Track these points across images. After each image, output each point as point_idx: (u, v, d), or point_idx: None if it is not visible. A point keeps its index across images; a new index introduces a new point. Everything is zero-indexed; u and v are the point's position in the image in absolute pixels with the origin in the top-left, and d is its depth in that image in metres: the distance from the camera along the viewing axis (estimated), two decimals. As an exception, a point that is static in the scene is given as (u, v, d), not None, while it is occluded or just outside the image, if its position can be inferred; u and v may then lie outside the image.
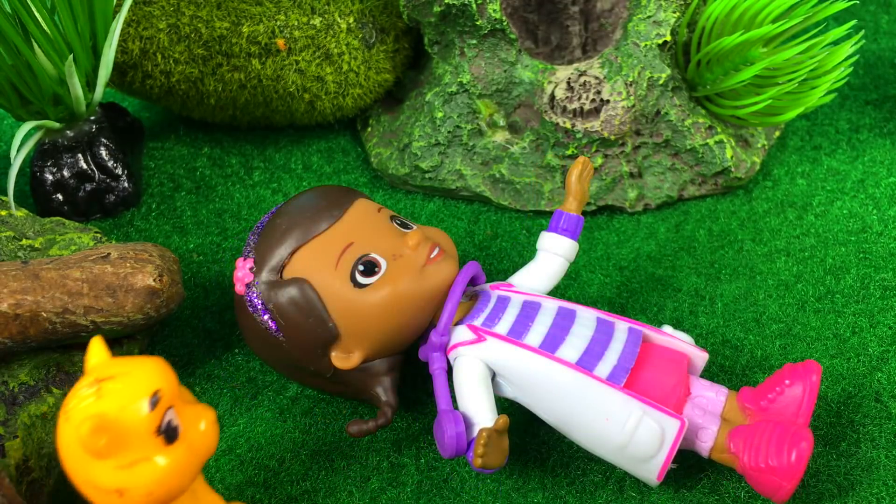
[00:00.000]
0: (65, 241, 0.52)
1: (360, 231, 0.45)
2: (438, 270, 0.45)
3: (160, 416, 0.35)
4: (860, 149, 0.61)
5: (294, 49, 0.60)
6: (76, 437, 0.34)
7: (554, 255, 0.48)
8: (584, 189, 0.48)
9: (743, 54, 0.54)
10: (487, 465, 0.40)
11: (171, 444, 0.36)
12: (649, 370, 0.43)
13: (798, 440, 0.40)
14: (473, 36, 0.57)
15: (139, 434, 0.35)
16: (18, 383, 0.46)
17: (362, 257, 0.44)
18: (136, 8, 0.60)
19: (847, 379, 0.48)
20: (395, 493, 0.45)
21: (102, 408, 0.35)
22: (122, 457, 0.35)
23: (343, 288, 0.44)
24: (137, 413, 0.35)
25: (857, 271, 0.53)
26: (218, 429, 0.38)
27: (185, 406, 0.37)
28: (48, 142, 0.59)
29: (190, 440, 0.36)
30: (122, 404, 0.35)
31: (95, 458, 0.35)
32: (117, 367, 0.36)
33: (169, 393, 0.36)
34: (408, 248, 0.45)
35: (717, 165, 0.57)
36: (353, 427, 0.45)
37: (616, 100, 0.55)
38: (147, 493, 0.35)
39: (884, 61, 0.67)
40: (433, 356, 0.45)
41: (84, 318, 0.45)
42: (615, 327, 0.44)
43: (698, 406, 0.43)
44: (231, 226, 0.60)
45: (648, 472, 0.42)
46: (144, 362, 0.36)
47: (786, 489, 0.40)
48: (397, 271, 0.44)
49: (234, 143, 0.66)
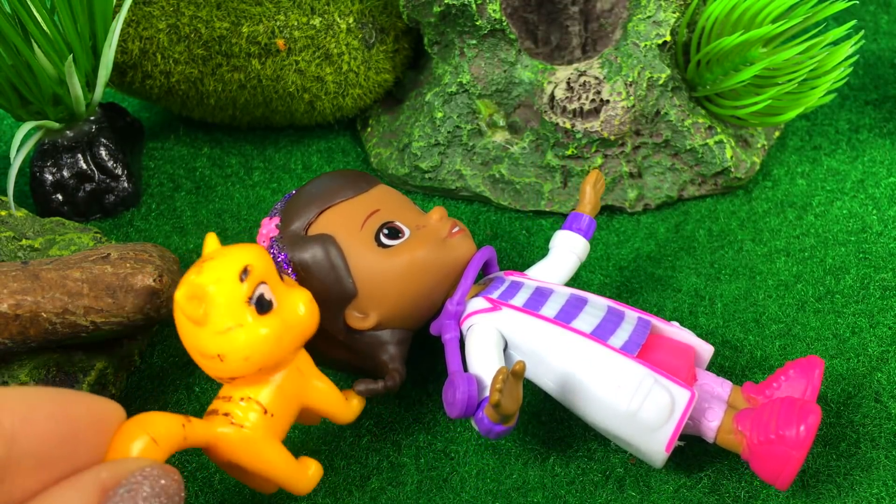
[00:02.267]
0: (65, 242, 0.52)
1: (386, 203, 0.47)
2: (460, 243, 0.46)
3: (252, 288, 0.39)
4: (860, 149, 0.61)
5: (294, 49, 0.60)
6: (180, 308, 0.39)
7: (568, 251, 0.49)
8: (597, 198, 0.51)
9: (743, 54, 0.54)
10: (501, 408, 0.40)
11: (263, 315, 0.39)
12: (658, 353, 0.44)
13: (806, 412, 0.40)
14: (473, 36, 0.57)
15: (231, 302, 0.39)
16: (18, 384, 0.46)
17: (387, 223, 0.46)
18: (136, 8, 0.60)
19: (847, 379, 0.48)
20: (395, 493, 0.45)
21: (200, 280, 0.39)
22: (218, 322, 0.39)
23: (366, 248, 0.45)
24: (229, 283, 0.39)
25: (856, 271, 0.53)
26: (316, 310, 0.42)
27: (284, 288, 0.41)
28: (48, 142, 0.59)
29: (284, 316, 0.40)
30: (217, 276, 0.39)
31: (196, 325, 0.39)
32: (220, 251, 0.41)
33: (259, 269, 0.40)
34: (431, 220, 0.47)
35: (717, 165, 0.57)
36: (360, 385, 0.45)
37: (616, 100, 0.55)
38: (244, 357, 0.39)
39: (884, 61, 0.67)
40: (447, 324, 0.45)
41: (84, 318, 0.45)
42: (625, 314, 0.45)
43: (705, 391, 0.43)
44: (231, 226, 0.60)
45: (656, 444, 0.42)
46: (242, 246, 0.41)
47: (793, 462, 0.40)
48: (420, 239, 0.46)
49: (234, 144, 0.66)
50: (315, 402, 0.43)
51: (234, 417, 0.40)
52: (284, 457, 0.41)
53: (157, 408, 0.50)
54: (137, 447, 0.34)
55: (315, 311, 0.42)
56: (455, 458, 0.47)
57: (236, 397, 0.40)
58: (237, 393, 0.40)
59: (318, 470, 0.43)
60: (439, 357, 0.51)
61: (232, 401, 0.40)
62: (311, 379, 0.43)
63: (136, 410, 0.50)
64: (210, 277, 0.39)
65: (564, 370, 0.43)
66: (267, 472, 0.41)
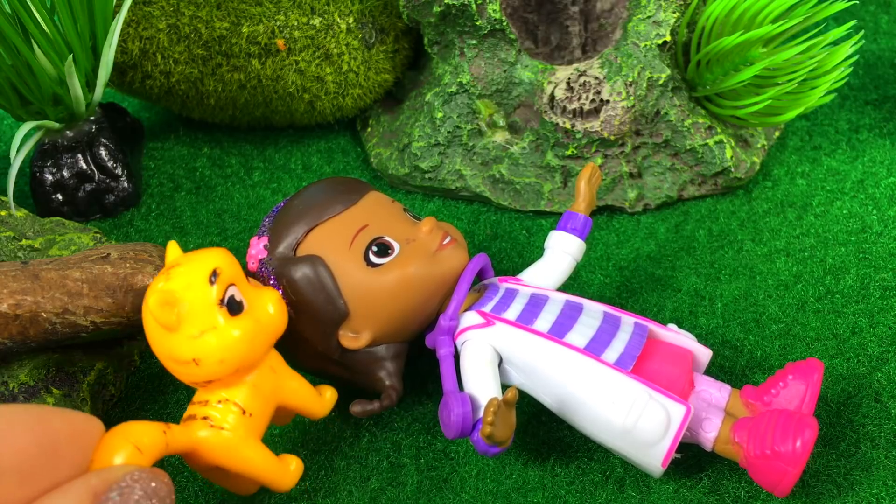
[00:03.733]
0: (64, 242, 0.52)
1: (375, 216, 0.46)
2: (450, 256, 0.46)
3: (222, 290, 0.40)
4: (860, 149, 0.61)
5: (294, 49, 0.60)
6: (151, 315, 0.39)
7: (563, 252, 0.48)
8: (593, 193, 0.50)
9: (743, 54, 0.54)
10: (495, 437, 0.40)
11: (235, 316, 0.40)
12: (655, 362, 0.43)
13: (802, 427, 0.40)
14: (473, 36, 0.57)
15: (203, 306, 0.39)
16: (18, 383, 0.46)
17: (376, 239, 0.45)
18: (136, 8, 0.60)
19: (847, 379, 0.48)
20: (395, 493, 0.45)
21: (170, 286, 0.39)
22: (191, 327, 0.39)
23: (356, 267, 0.44)
24: (199, 287, 0.39)
25: (856, 271, 0.53)
26: (284, 308, 0.42)
27: (252, 289, 0.42)
28: (48, 142, 0.59)
29: (256, 316, 0.41)
30: (186, 281, 0.39)
31: (169, 331, 0.39)
32: (185, 258, 0.41)
33: (228, 272, 0.40)
34: (421, 233, 0.46)
35: (717, 165, 0.57)
36: (356, 406, 0.45)
37: (616, 100, 0.55)
38: (219, 360, 0.40)
39: (884, 61, 0.67)
40: (441, 340, 0.45)
41: (84, 318, 0.45)
42: (621, 321, 0.45)
43: (703, 399, 0.43)
44: (231, 226, 0.60)
45: (653, 458, 0.42)
46: (207, 251, 0.41)
47: (790, 476, 0.40)
48: (410, 254, 0.45)
49: (234, 144, 0.66)
50: (290, 399, 0.44)
51: (214, 420, 0.40)
52: (266, 455, 0.41)
53: (157, 408, 0.50)
54: (122, 456, 0.34)
55: (284, 310, 0.42)
56: (455, 458, 0.47)
57: (213, 400, 0.41)
58: (213, 396, 0.41)
59: (299, 466, 0.43)
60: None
61: (209, 404, 0.41)
62: (285, 377, 0.43)
63: (137, 410, 0.50)
64: (180, 283, 0.39)
65: (559, 385, 0.43)
66: (250, 471, 0.41)
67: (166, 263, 0.42)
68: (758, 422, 0.41)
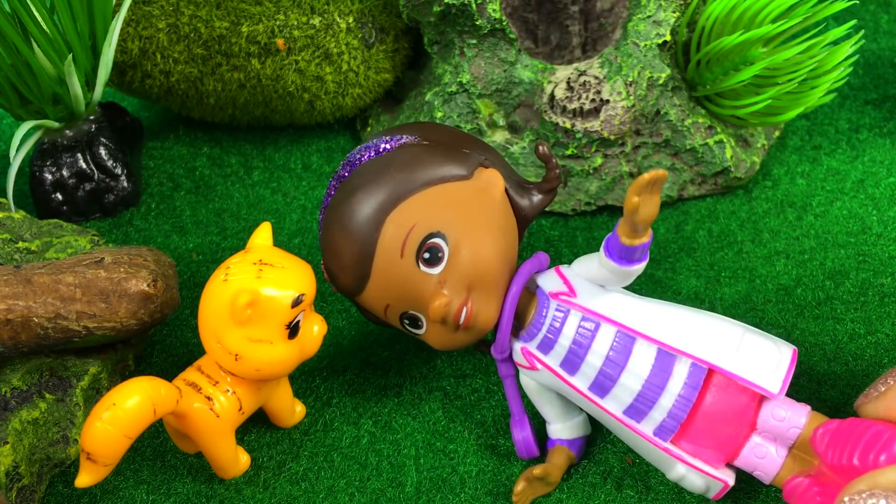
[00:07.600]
0: (62, 244, 0.52)
1: (391, 287, 0.43)
2: (468, 335, 0.43)
3: (295, 314, 0.42)
4: (860, 149, 0.61)
5: (294, 49, 0.60)
6: (229, 301, 0.41)
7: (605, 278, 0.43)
8: (638, 210, 0.38)
9: (743, 54, 0.54)
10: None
11: (291, 339, 0.42)
12: (705, 418, 0.40)
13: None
14: (473, 36, 0.57)
15: (274, 322, 0.42)
16: (10, 388, 0.45)
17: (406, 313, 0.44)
18: (136, 7, 0.60)
19: (846, 380, 0.48)
20: (395, 493, 0.45)
21: (262, 292, 0.41)
22: (255, 332, 0.41)
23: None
24: (282, 305, 0.41)
25: (856, 276, 0.53)
26: (325, 331, 0.44)
27: (309, 310, 0.44)
28: (47, 141, 0.59)
29: (303, 341, 0.43)
30: (274, 294, 0.41)
31: (235, 323, 0.41)
32: (279, 259, 0.43)
33: (308, 300, 0.42)
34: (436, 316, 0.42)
35: (717, 165, 0.57)
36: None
37: (616, 100, 0.55)
38: (256, 367, 0.42)
39: (884, 61, 0.67)
40: (499, 364, 0.45)
41: (76, 323, 0.45)
42: (675, 364, 0.41)
43: (767, 429, 0.40)
44: (230, 225, 0.60)
45: None
46: (302, 266, 0.43)
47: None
48: (434, 331, 0.44)
49: (234, 143, 0.66)
50: (274, 403, 0.47)
51: (216, 404, 0.43)
52: (232, 446, 0.45)
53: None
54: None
55: (323, 333, 0.44)
56: (455, 458, 0.47)
57: (223, 386, 0.43)
58: (224, 384, 0.44)
59: (248, 461, 0.46)
60: (438, 356, 0.51)
61: (218, 387, 0.43)
62: (281, 382, 0.46)
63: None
64: (269, 293, 0.41)
65: (605, 423, 0.44)
66: (214, 454, 0.44)
67: (253, 247, 0.43)
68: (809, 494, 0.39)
